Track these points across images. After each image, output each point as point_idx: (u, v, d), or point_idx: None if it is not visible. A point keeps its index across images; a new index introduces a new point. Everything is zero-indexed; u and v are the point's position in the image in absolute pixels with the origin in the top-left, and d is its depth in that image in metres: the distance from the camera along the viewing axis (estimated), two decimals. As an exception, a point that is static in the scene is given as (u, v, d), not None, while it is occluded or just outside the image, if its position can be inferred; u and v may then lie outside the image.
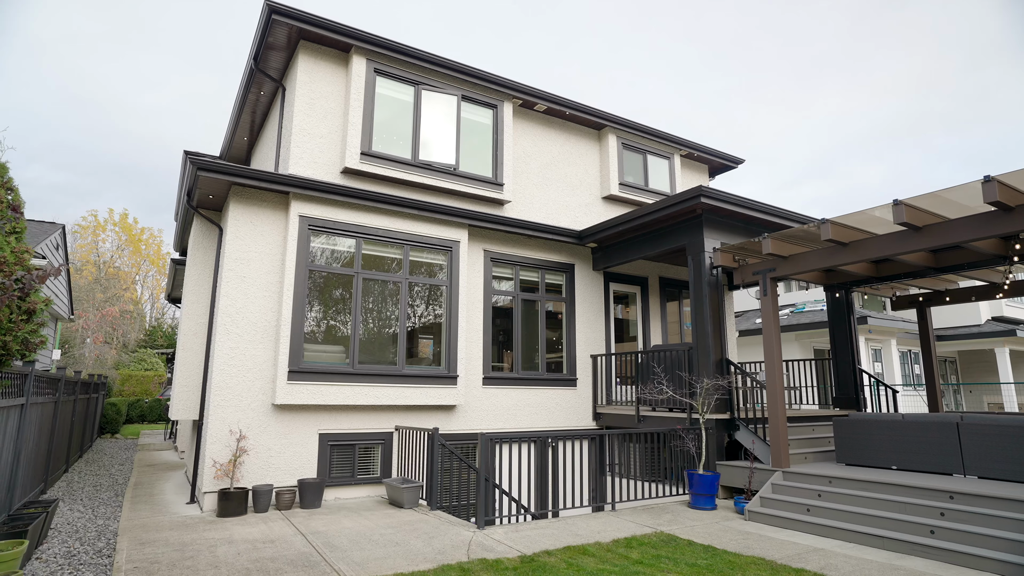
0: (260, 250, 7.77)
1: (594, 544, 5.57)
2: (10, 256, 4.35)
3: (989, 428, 6.21)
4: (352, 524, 6.28)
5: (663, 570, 4.76)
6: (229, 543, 5.49)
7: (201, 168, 7.14)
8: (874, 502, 5.96)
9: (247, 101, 10.54)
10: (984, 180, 5.34)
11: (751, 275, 8.06)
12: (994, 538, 4.88)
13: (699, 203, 8.27)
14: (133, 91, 77.99)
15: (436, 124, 9.74)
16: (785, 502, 6.55)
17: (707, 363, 8.22)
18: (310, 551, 5.24)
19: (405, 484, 7.23)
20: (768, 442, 7.51)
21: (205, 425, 7.30)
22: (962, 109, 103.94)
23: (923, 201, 5.98)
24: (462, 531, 5.99)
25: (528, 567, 4.80)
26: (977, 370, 21.09)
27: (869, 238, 6.77)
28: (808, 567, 4.82)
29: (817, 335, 17.51)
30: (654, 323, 11.58)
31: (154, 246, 37.83)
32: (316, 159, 8.79)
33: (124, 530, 5.99)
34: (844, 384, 10.05)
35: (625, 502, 7.51)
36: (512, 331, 9.85)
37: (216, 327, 7.45)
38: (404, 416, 8.38)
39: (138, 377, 26.46)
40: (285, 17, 8.41)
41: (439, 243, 8.92)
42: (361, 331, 8.14)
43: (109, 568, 4.69)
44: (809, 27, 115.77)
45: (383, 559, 4.99)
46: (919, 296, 9.91)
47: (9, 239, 4.51)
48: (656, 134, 12.38)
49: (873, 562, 4.97)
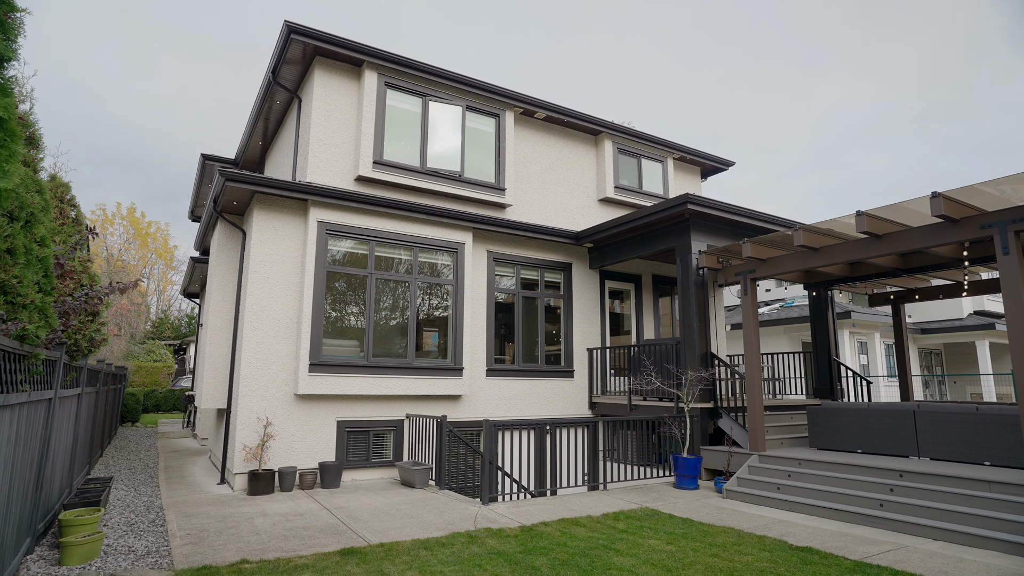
0: (282, 253, 8.47)
1: (586, 517, 6.31)
2: (77, 265, 5.05)
3: (941, 415, 6.94)
4: (370, 501, 7.03)
5: (644, 536, 5.50)
6: (264, 516, 6.23)
7: (230, 179, 7.83)
8: (835, 481, 6.70)
9: (263, 109, 11.18)
10: (932, 196, 6.03)
11: (733, 276, 8.76)
12: (933, 509, 5.62)
13: (686, 208, 8.94)
14: (126, 79, 78.08)
15: (442, 133, 10.41)
16: (759, 482, 7.29)
17: (693, 356, 8.93)
18: (336, 522, 5.98)
19: (416, 466, 7.97)
20: (747, 428, 8.24)
21: (234, 413, 8.04)
22: (968, 98, 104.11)
23: (885, 211, 6.66)
24: (469, 506, 6.73)
25: (527, 535, 5.54)
26: (961, 362, 21.86)
27: (838, 244, 7.46)
28: (770, 534, 5.56)
29: (804, 329, 18.24)
30: (647, 318, 12.29)
31: (161, 239, 38.51)
32: (331, 167, 9.46)
33: (168, 505, 6.74)
34: (823, 375, 10.78)
35: (617, 483, 8.26)
36: (513, 326, 10.57)
37: (243, 324, 8.16)
38: (414, 405, 9.12)
39: (148, 368, 27.29)
40: (303, 36, 9.05)
41: (445, 245, 9.61)
42: (374, 327, 8.86)
43: (166, 534, 5.43)
44: (813, 15, 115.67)
45: (400, 528, 5.73)
46: (891, 294, 10.62)
47: (78, 252, 5.20)
48: (650, 139, 13.03)
49: (827, 531, 5.71)
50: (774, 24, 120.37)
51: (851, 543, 5.25)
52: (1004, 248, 5.82)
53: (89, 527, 4.66)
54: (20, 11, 2.47)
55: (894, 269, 9.13)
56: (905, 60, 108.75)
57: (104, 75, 75.68)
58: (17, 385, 3.55)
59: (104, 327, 6.07)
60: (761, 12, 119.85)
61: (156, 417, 21.30)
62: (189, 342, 30.09)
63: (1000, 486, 5.51)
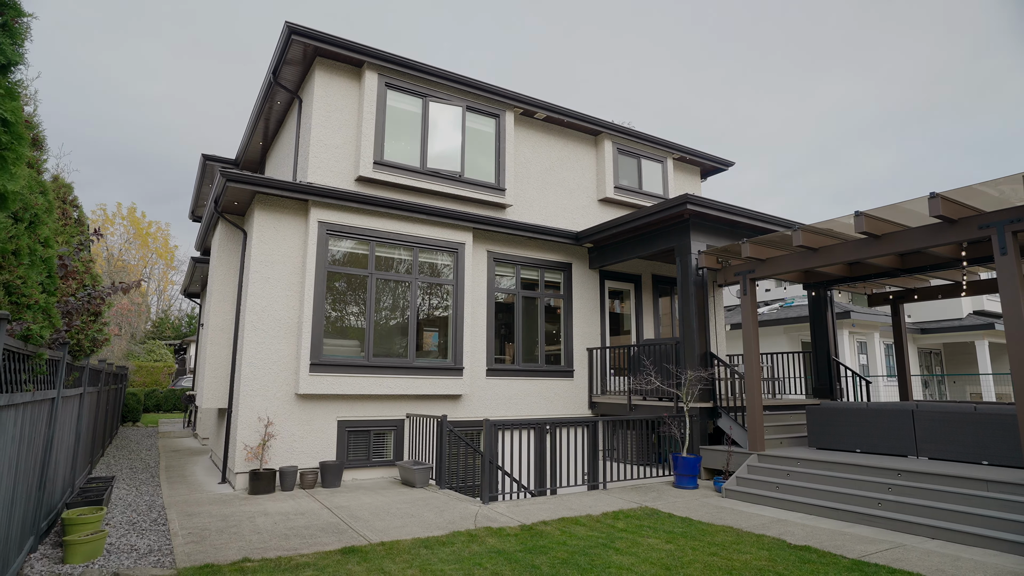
0: (283, 253, 8.50)
1: (585, 516, 6.34)
2: (80, 266, 5.08)
3: (939, 415, 6.97)
4: (371, 500, 7.06)
5: (644, 535, 5.53)
6: (265, 515, 6.26)
7: (231, 180, 7.85)
8: (834, 480, 6.73)
9: (263, 110, 11.21)
10: (930, 196, 6.05)
11: (733, 276, 8.79)
12: (931, 508, 5.65)
13: (686, 209, 8.97)
14: (127, 79, 78.09)
15: (443, 133, 10.44)
16: (758, 481, 7.32)
17: (693, 356, 8.96)
18: (337, 521, 6.01)
19: (417, 466, 8.00)
20: (746, 428, 8.27)
21: (235, 413, 8.07)
22: (970, 97, 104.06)
23: (884, 212, 6.69)
24: (469, 506, 6.76)
25: (527, 534, 5.57)
26: (961, 362, 21.89)
27: (836, 244, 7.48)
28: (768, 533, 5.59)
29: (804, 329, 18.27)
30: (647, 318, 12.32)
31: (161, 239, 38.54)
32: (332, 168, 9.49)
33: (170, 504, 6.77)
34: (822, 375, 10.81)
35: (616, 482, 8.30)
36: (513, 326, 10.60)
37: (244, 324, 8.19)
38: (414, 404, 9.15)
39: (148, 368, 27.32)
40: (303, 37, 9.07)
41: (446, 245, 9.64)
42: (374, 327, 8.89)
43: (167, 533, 5.46)
44: (814, 15, 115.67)
45: (401, 527, 5.76)
46: (890, 294, 10.65)
47: (81, 253, 5.23)
48: (650, 139, 13.06)
49: (825, 530, 5.74)
50: (774, 23, 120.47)
51: (849, 542, 5.29)
52: (1002, 248, 5.84)
53: (92, 526, 4.70)
54: (27, 16, 2.50)
55: (893, 269, 9.16)
56: (906, 60, 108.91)
57: (104, 75, 75.72)
58: (21, 385, 3.58)
59: (106, 327, 6.11)
60: (761, 12, 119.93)
61: (157, 417, 21.34)
62: (189, 342, 30.13)
63: (998, 485, 5.54)
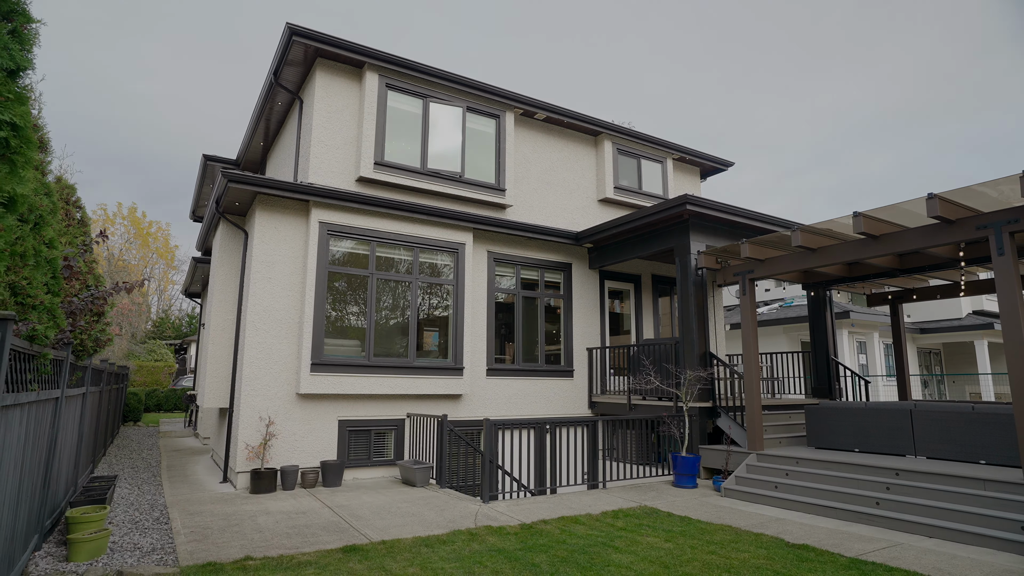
0: (284, 253, 8.53)
1: (585, 515, 6.38)
2: (83, 266, 5.11)
3: (937, 414, 7.00)
4: (371, 499, 7.10)
5: (643, 534, 5.57)
6: (267, 514, 6.30)
7: (232, 180, 7.89)
8: (833, 479, 6.77)
9: (264, 110, 11.24)
10: (928, 197, 6.09)
11: (732, 276, 8.82)
12: (929, 507, 5.68)
13: (685, 209, 9.01)
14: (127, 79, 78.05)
15: (443, 134, 10.47)
16: (757, 480, 7.35)
17: (692, 356, 9.00)
18: (338, 520, 6.04)
19: (417, 465, 8.04)
20: (745, 427, 8.30)
21: (237, 413, 8.10)
22: (969, 97, 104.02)
23: (882, 212, 6.72)
24: (469, 505, 6.80)
25: (527, 532, 5.61)
26: (960, 361, 21.92)
27: (835, 244, 7.52)
28: (767, 532, 5.63)
29: (803, 329, 18.30)
30: (647, 318, 12.35)
31: (161, 239, 38.58)
32: (333, 168, 9.52)
33: (172, 503, 6.81)
34: (821, 375, 10.84)
35: (616, 481, 8.33)
36: (514, 326, 10.63)
37: (245, 325, 8.23)
38: (415, 404, 9.18)
39: (149, 367, 27.37)
40: (304, 38, 9.11)
41: (446, 245, 9.67)
42: (375, 326, 8.92)
43: (170, 532, 5.50)
44: (814, 15, 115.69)
45: (402, 526, 5.80)
46: (889, 294, 10.68)
47: (85, 254, 5.27)
48: (649, 139, 13.09)
49: (823, 528, 5.78)
50: (774, 23, 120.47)
51: (847, 541, 5.32)
52: (999, 249, 5.88)
53: (95, 524, 4.74)
54: (36, 22, 2.53)
55: (892, 269, 9.20)
56: (906, 60, 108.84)
57: (104, 75, 75.71)
58: (26, 384, 3.62)
59: (108, 327, 6.14)
60: (762, 11, 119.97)
61: (158, 416, 21.38)
62: (190, 342, 30.17)
63: (995, 484, 5.58)
